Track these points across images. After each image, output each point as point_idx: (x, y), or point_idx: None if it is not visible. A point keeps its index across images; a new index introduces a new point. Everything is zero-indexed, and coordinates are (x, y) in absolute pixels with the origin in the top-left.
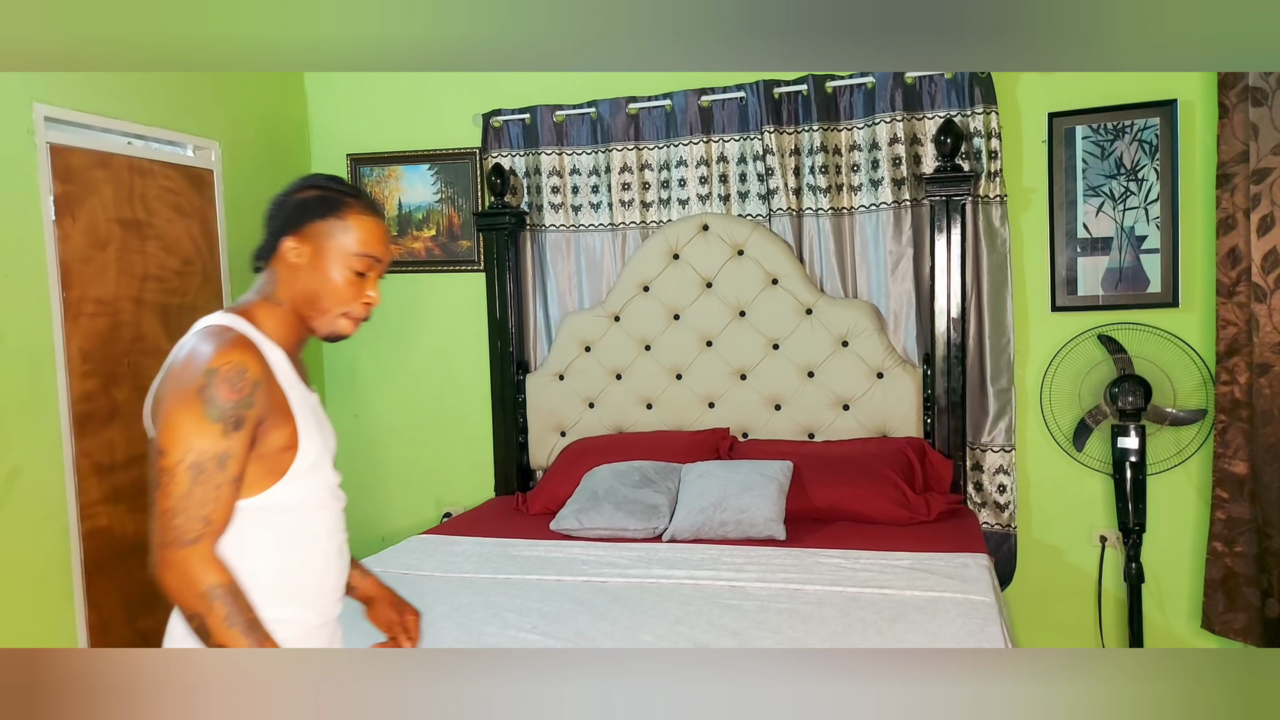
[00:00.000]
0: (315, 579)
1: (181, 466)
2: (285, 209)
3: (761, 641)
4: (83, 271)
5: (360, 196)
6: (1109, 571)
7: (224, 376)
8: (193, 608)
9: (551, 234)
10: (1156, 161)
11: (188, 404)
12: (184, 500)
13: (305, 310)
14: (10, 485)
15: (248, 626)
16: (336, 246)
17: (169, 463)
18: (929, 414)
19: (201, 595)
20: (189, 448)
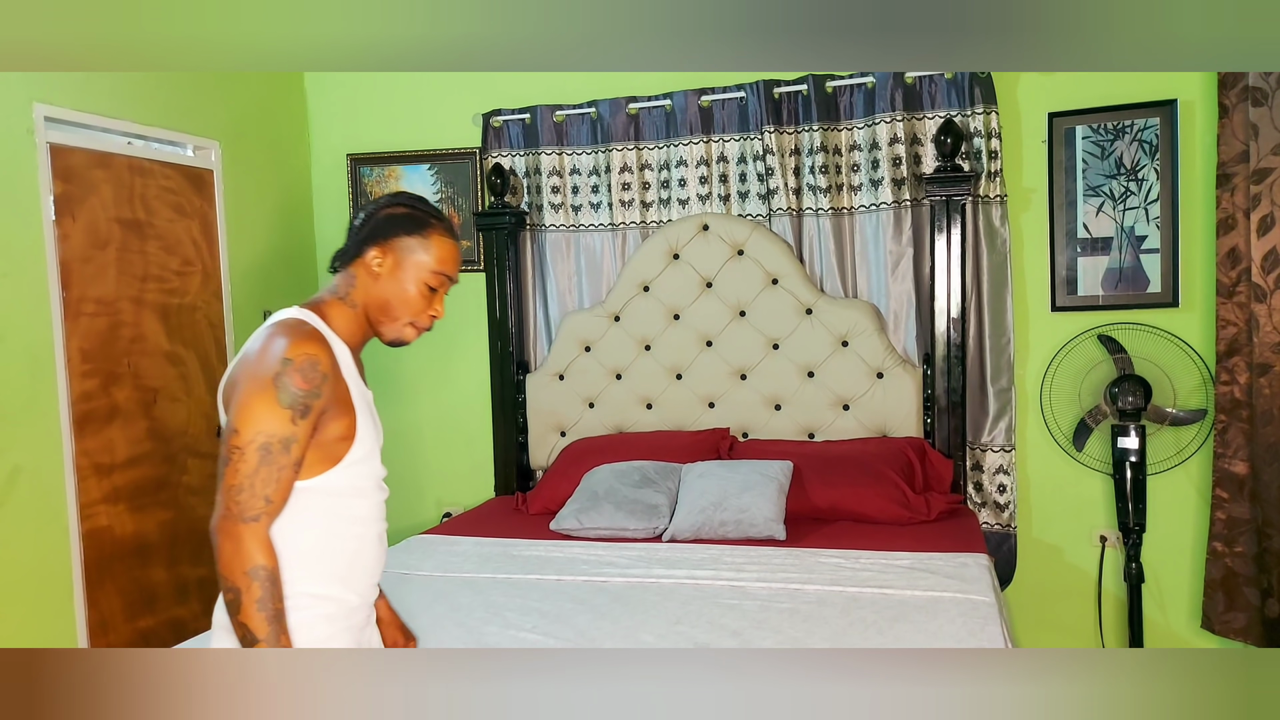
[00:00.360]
0: (358, 561)
1: (252, 446)
2: (374, 220)
3: (762, 641)
4: (83, 271)
5: (443, 220)
6: (1109, 571)
7: (298, 366)
8: (235, 581)
9: (551, 234)
10: (1156, 161)
11: (263, 389)
12: (250, 478)
13: (376, 315)
14: (10, 485)
15: (274, 615)
16: (416, 262)
17: (240, 441)
18: (929, 414)
19: (245, 572)
20: (260, 429)
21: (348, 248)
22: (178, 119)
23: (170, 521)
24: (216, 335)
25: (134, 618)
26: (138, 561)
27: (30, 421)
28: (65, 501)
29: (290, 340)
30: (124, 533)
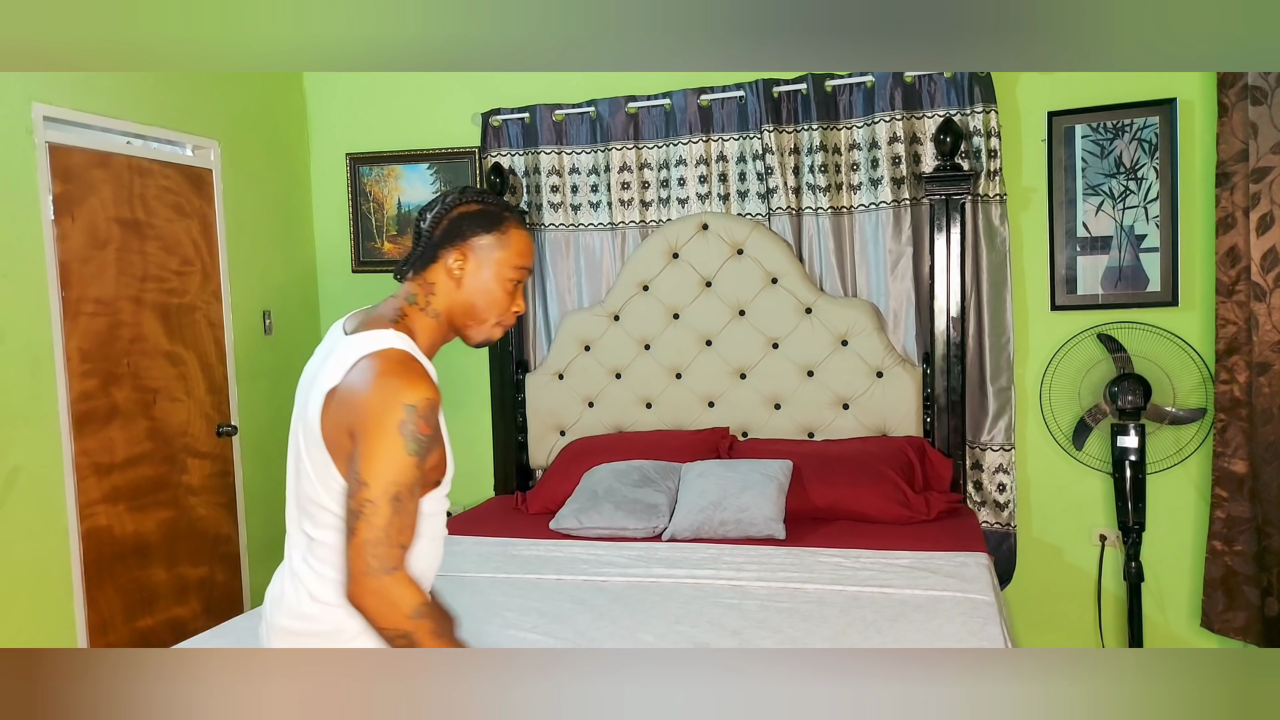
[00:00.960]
0: (430, 569)
1: (384, 499)
2: (447, 222)
3: (762, 641)
4: (82, 271)
5: (515, 211)
6: (1109, 570)
7: (422, 413)
8: (400, 628)
9: (551, 233)
10: (1156, 160)
11: (390, 439)
12: (385, 530)
13: (462, 320)
14: (10, 485)
15: (450, 634)
16: (498, 260)
17: (373, 495)
18: (929, 413)
19: (408, 616)
20: (391, 480)
21: (422, 253)
22: (177, 119)
23: (170, 521)
24: (216, 335)
25: (134, 618)
26: (137, 561)
27: (30, 421)
28: (65, 501)
29: (406, 382)
30: (124, 533)
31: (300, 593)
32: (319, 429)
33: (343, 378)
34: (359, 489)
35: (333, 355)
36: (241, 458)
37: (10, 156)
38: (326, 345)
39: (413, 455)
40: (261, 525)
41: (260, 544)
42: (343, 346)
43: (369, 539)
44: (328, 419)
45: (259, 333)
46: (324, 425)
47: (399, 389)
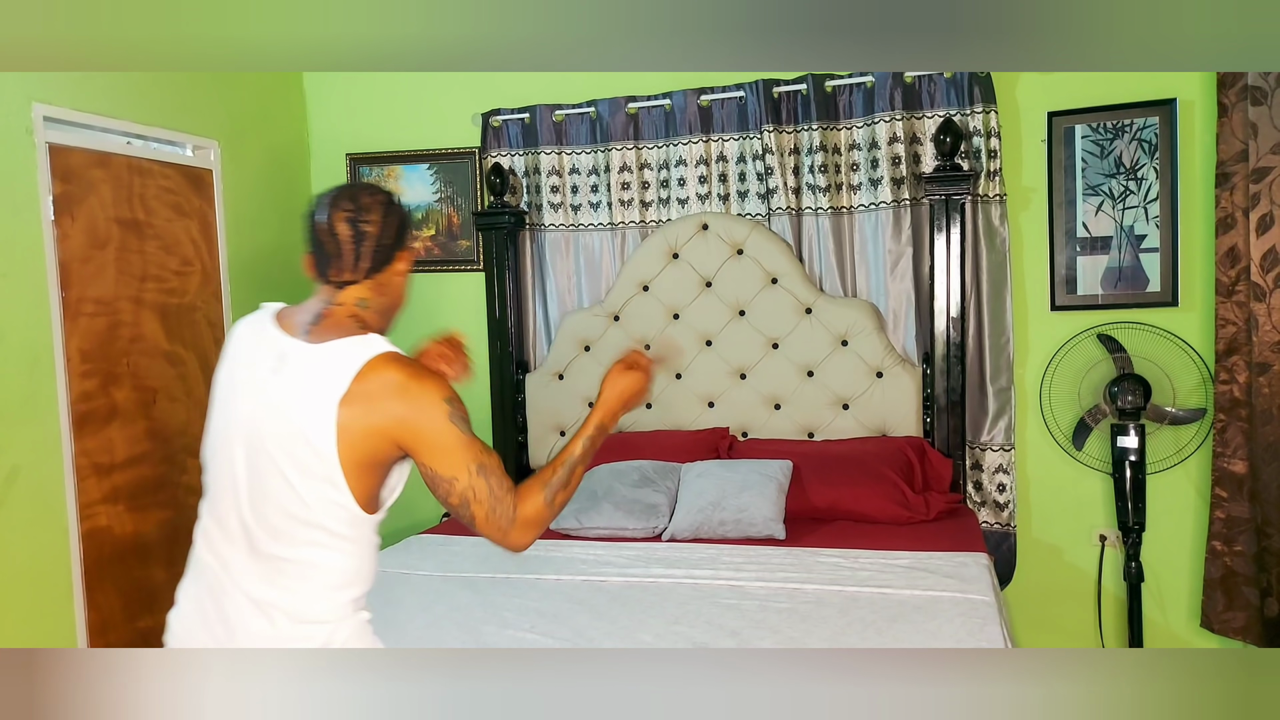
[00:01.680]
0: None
1: (476, 478)
2: (397, 224)
3: (760, 641)
4: (82, 271)
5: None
6: (1109, 571)
7: (455, 399)
8: (553, 510)
9: (551, 233)
10: (1156, 161)
11: (450, 433)
12: (491, 499)
13: (385, 325)
14: (10, 485)
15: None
16: (410, 261)
17: (466, 483)
18: (928, 413)
19: (548, 505)
20: (470, 461)
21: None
22: (177, 119)
23: (170, 521)
24: (216, 335)
25: (134, 618)
26: (137, 561)
27: (29, 421)
28: (65, 501)
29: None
30: (123, 532)
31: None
32: (333, 445)
33: (348, 390)
34: (450, 485)
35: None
36: None
37: (10, 156)
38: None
39: (468, 434)
40: None
41: None
42: (323, 357)
43: (488, 514)
44: (348, 434)
45: None
46: (343, 441)
47: (430, 389)
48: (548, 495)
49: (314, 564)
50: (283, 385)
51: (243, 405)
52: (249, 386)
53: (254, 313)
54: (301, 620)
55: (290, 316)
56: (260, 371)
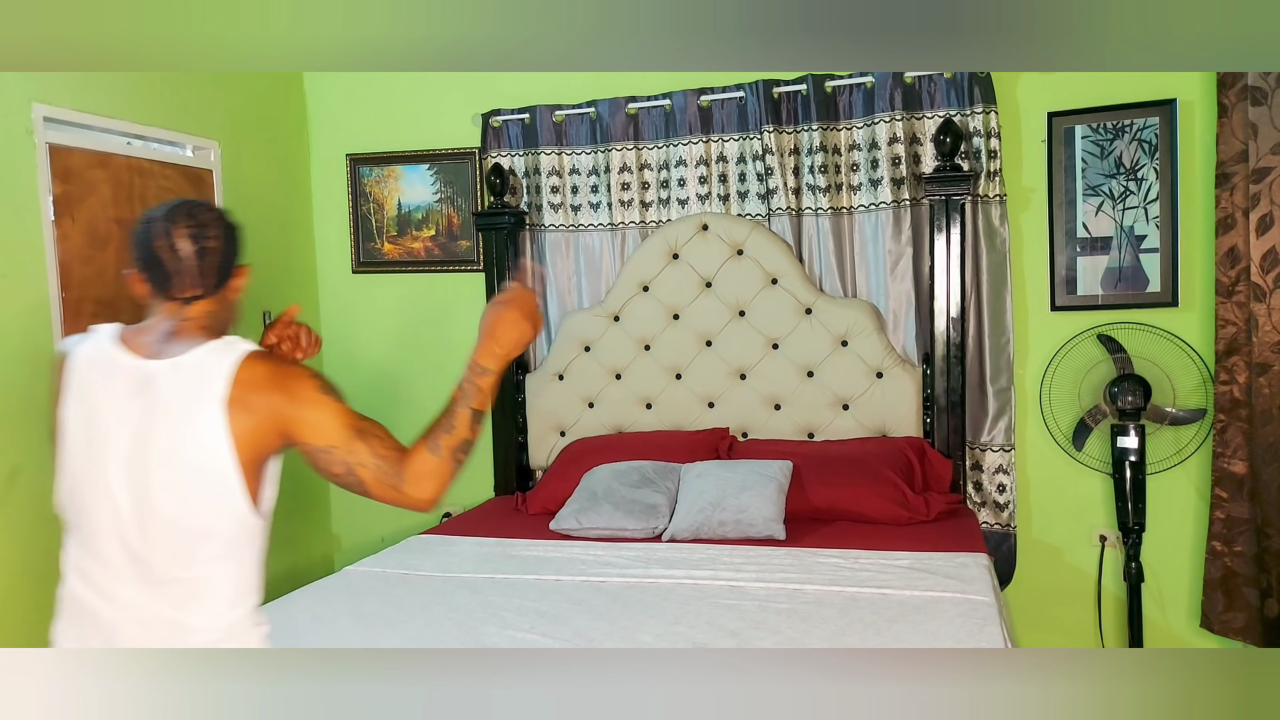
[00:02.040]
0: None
1: (354, 441)
2: (235, 239)
3: (760, 641)
4: (82, 271)
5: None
6: (1109, 571)
7: (320, 375)
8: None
9: (551, 234)
10: (1156, 161)
11: (321, 404)
12: (375, 460)
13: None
14: (10, 485)
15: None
16: (247, 276)
17: (342, 454)
18: (928, 414)
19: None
20: (344, 426)
21: (220, 272)
22: (177, 119)
23: None
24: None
25: None
26: None
27: (29, 421)
28: None
29: (291, 366)
30: None
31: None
32: (228, 448)
33: (228, 393)
34: (330, 455)
35: (184, 380)
36: None
37: (10, 157)
38: (129, 375)
39: (341, 404)
40: None
41: None
42: (192, 368)
43: (375, 475)
44: (238, 435)
45: (259, 333)
46: (237, 442)
47: (298, 373)
48: (431, 444)
49: (214, 579)
50: (155, 405)
51: (113, 436)
52: (113, 416)
53: (85, 338)
54: (205, 631)
55: (134, 338)
56: (119, 399)
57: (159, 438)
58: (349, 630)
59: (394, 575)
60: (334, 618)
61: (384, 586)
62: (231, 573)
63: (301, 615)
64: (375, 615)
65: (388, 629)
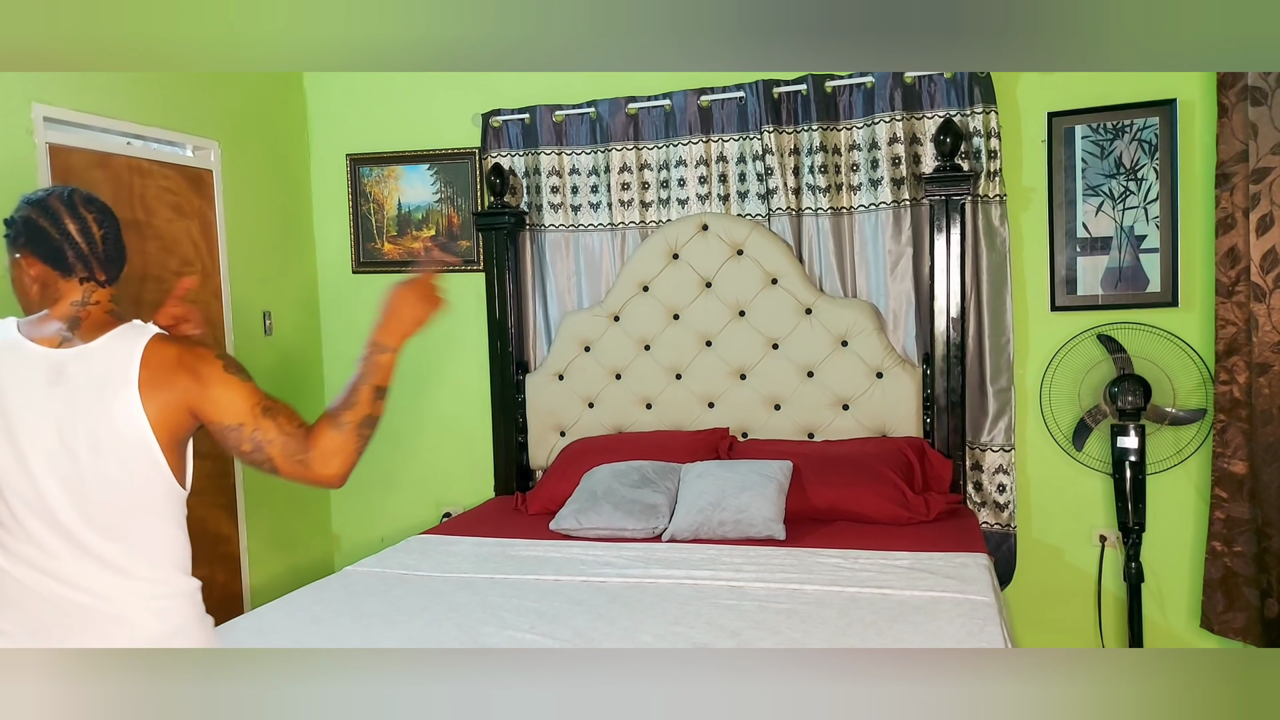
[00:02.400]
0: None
1: (261, 418)
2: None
3: (760, 641)
4: None
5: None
6: (1109, 571)
7: (225, 354)
8: (357, 440)
9: (551, 234)
10: (1156, 161)
11: (229, 383)
12: (282, 437)
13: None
14: None
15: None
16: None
17: (250, 430)
18: (928, 414)
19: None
20: (252, 406)
21: (123, 257)
22: (177, 119)
23: None
24: (216, 335)
25: None
26: None
27: None
28: None
29: (198, 346)
30: None
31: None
32: (147, 428)
33: (140, 376)
34: (239, 432)
35: (98, 366)
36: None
37: (10, 157)
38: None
39: (248, 382)
40: (261, 525)
41: (260, 544)
42: (104, 354)
43: (282, 451)
44: (154, 415)
45: (259, 333)
46: (153, 422)
47: (203, 353)
48: (334, 421)
49: (156, 545)
50: (71, 393)
51: (33, 425)
52: (29, 408)
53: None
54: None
55: (37, 327)
56: (33, 389)
57: (80, 425)
58: (349, 630)
59: (394, 575)
60: (334, 618)
61: (384, 586)
62: (174, 537)
63: (301, 615)
64: (375, 615)
65: (388, 629)
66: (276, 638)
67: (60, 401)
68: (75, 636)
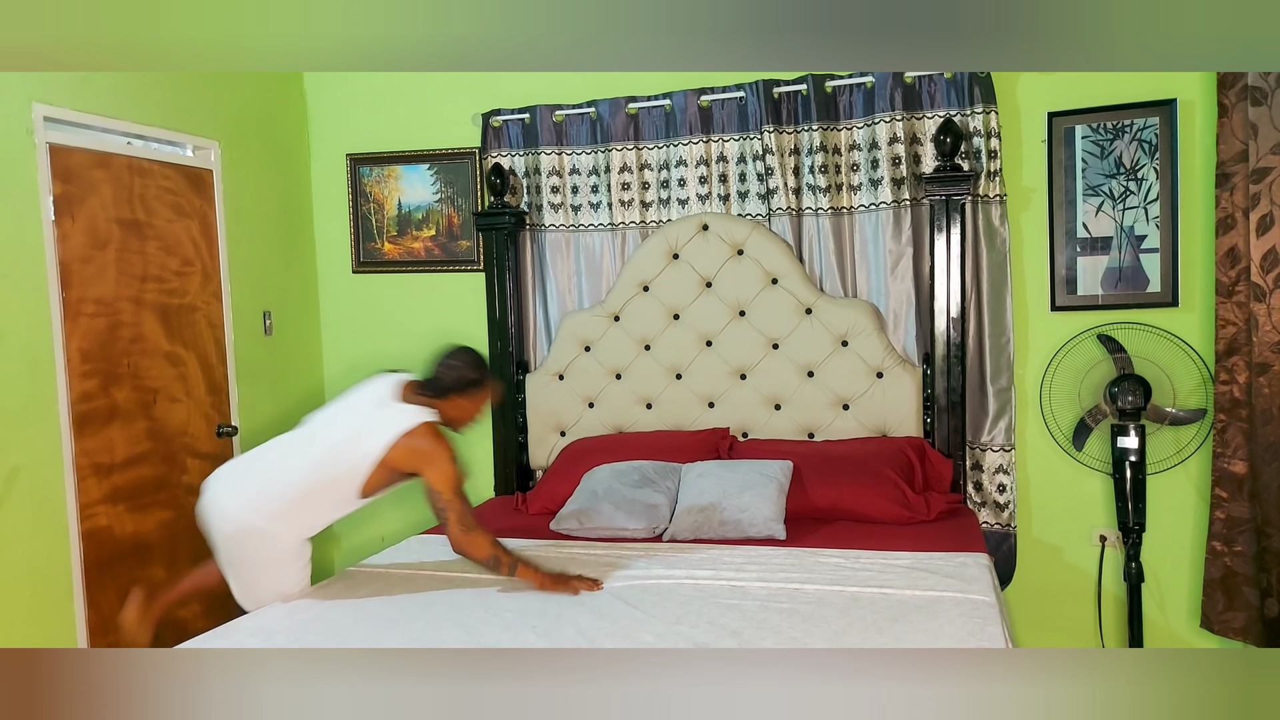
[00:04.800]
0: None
1: (452, 498)
2: (461, 376)
3: (761, 641)
4: (82, 271)
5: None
6: (1109, 571)
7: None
8: (492, 556)
9: (551, 234)
10: (1156, 161)
11: (445, 471)
12: (458, 513)
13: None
14: (10, 485)
15: (519, 560)
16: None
17: (444, 498)
18: (929, 413)
19: (494, 552)
20: (451, 487)
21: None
22: (177, 119)
23: (170, 521)
24: (216, 335)
25: None
26: (138, 561)
27: (30, 422)
28: (65, 501)
29: (440, 440)
30: (124, 533)
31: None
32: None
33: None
34: (438, 497)
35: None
36: None
37: (10, 157)
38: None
39: (457, 470)
40: None
41: None
42: (397, 410)
43: (457, 521)
44: (387, 459)
45: (259, 333)
46: (384, 461)
47: (442, 453)
48: (493, 543)
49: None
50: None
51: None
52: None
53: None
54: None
55: (405, 387)
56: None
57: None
58: (350, 630)
59: (395, 575)
60: (335, 617)
61: (385, 586)
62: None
63: (303, 615)
64: (376, 615)
65: (389, 629)
66: (278, 638)
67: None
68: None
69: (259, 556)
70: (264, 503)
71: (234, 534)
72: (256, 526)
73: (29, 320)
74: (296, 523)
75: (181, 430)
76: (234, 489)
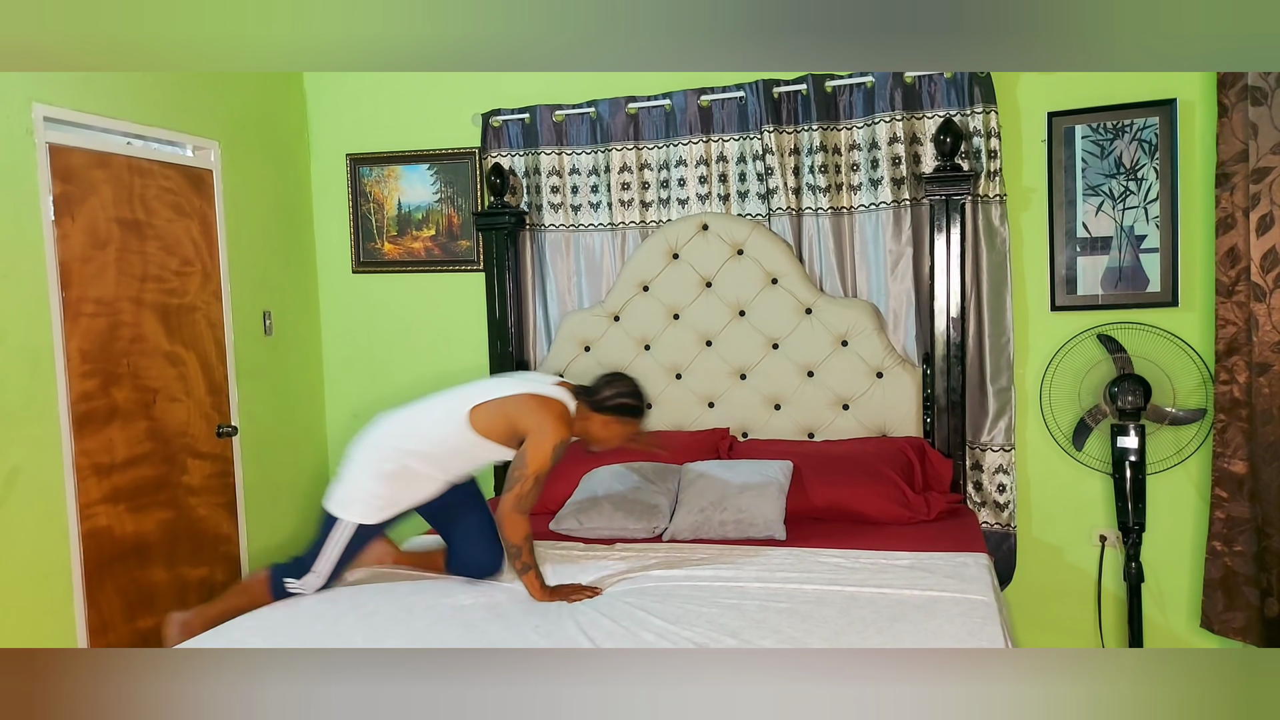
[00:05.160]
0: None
1: (531, 476)
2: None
3: (761, 641)
4: (82, 271)
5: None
6: (1109, 571)
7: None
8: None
9: (551, 234)
10: (1156, 161)
11: (545, 445)
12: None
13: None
14: (10, 485)
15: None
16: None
17: (523, 471)
18: (929, 413)
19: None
20: (536, 466)
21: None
22: (177, 119)
23: (170, 521)
24: (216, 335)
25: (134, 618)
26: (137, 561)
27: (30, 422)
28: (65, 502)
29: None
30: (124, 533)
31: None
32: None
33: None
34: (522, 469)
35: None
36: (241, 458)
37: (10, 157)
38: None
39: (551, 456)
40: (261, 525)
41: (260, 544)
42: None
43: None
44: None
45: (259, 333)
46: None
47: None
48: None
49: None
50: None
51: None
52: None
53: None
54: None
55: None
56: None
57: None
58: (353, 630)
59: (397, 575)
60: (338, 617)
61: (387, 586)
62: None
63: (305, 614)
64: (378, 614)
65: (391, 628)
66: (279, 638)
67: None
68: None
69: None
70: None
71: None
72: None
73: (29, 320)
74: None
75: (181, 430)
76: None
